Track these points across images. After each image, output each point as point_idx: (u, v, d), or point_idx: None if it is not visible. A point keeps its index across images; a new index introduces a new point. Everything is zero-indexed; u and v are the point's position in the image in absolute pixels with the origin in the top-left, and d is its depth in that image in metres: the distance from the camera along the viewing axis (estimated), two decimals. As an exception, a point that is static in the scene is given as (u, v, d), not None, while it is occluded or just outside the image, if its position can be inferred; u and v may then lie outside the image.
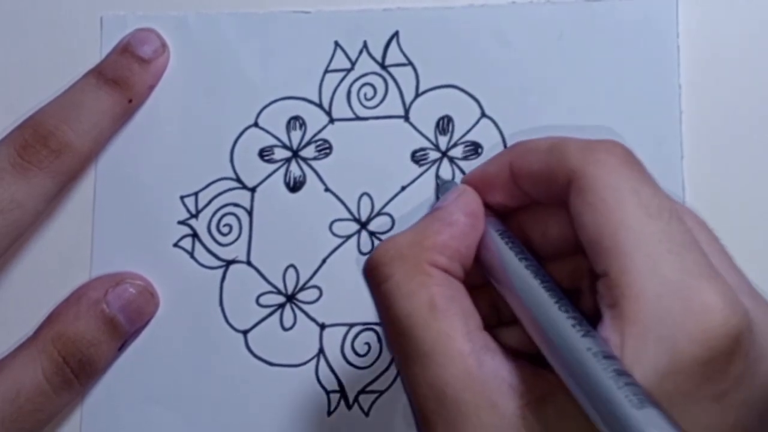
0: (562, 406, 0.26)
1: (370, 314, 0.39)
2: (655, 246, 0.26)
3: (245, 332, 0.39)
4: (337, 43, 0.41)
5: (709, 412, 0.25)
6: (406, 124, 0.40)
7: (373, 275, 0.30)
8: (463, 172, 0.39)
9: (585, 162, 0.28)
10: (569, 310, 0.27)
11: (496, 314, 0.32)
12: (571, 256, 0.29)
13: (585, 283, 0.30)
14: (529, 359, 0.28)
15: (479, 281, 0.32)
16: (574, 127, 0.39)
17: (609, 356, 0.25)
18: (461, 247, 0.31)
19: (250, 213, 0.40)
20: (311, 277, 0.39)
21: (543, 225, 0.32)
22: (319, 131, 0.40)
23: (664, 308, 0.25)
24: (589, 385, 0.25)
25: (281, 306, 0.39)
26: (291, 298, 0.39)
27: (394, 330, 0.29)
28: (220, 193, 0.40)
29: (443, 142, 0.40)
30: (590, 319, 0.27)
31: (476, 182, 0.33)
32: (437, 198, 0.39)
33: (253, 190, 0.40)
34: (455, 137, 0.40)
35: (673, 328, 0.25)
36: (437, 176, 0.39)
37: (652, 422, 0.23)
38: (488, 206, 0.33)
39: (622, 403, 0.24)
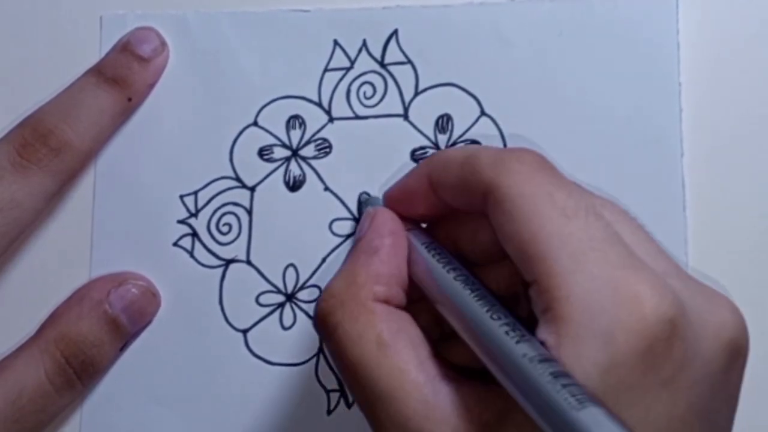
0: (520, 421, 0.26)
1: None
2: (577, 245, 0.27)
3: (245, 331, 0.39)
4: (336, 42, 0.41)
5: (660, 400, 0.25)
6: (406, 123, 0.40)
7: (322, 328, 0.30)
8: (462, 170, 0.39)
9: (497, 173, 0.29)
10: (502, 316, 0.27)
11: (439, 327, 0.32)
12: (504, 261, 0.29)
13: (520, 288, 0.30)
14: (483, 375, 0.28)
15: (417, 295, 0.32)
16: (575, 126, 0.39)
17: (545, 359, 0.25)
18: (393, 270, 0.31)
19: (249, 212, 0.40)
20: (311, 276, 0.39)
21: (471, 233, 0.32)
22: (319, 130, 0.40)
23: (595, 304, 0.26)
24: (528, 391, 0.25)
25: (281, 305, 0.39)
26: (291, 297, 0.39)
27: (350, 376, 0.29)
28: (219, 192, 0.40)
29: (443, 140, 0.40)
30: (529, 324, 0.27)
31: (397, 196, 0.34)
32: (359, 213, 0.39)
33: (252, 189, 0.40)
34: (455, 136, 0.40)
35: (607, 323, 0.25)
36: (361, 193, 0.39)
37: (594, 421, 0.23)
38: (413, 218, 0.33)
39: (561, 406, 0.24)
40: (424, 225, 0.33)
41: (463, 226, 0.32)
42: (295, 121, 0.40)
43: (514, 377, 0.26)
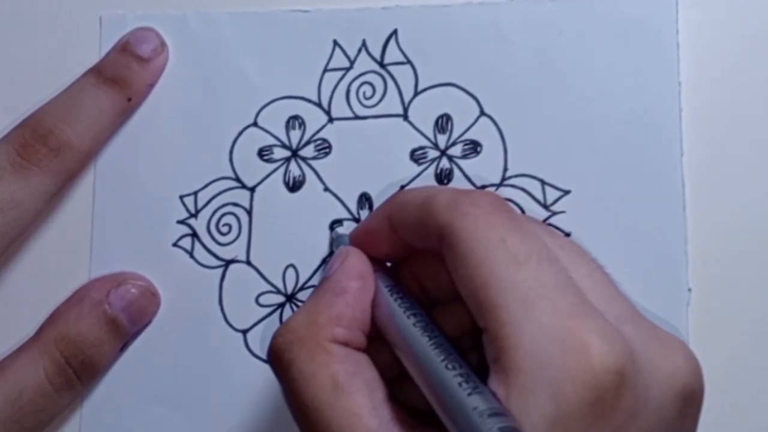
0: None
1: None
2: (527, 293, 0.26)
3: (245, 332, 0.39)
4: (335, 42, 0.41)
5: None
6: (405, 123, 0.40)
7: (276, 364, 0.30)
8: (462, 170, 0.39)
9: (452, 216, 0.28)
10: (456, 366, 0.27)
11: (399, 367, 0.31)
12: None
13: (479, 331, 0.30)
14: (436, 418, 0.28)
15: (379, 334, 0.31)
16: (575, 126, 0.39)
17: (496, 413, 0.25)
18: (356, 313, 0.31)
19: (249, 212, 0.40)
20: (311, 277, 0.39)
21: (433, 272, 0.31)
22: (319, 130, 0.40)
23: (544, 355, 0.25)
24: None
25: (281, 305, 0.39)
26: (291, 298, 0.39)
27: (302, 415, 0.29)
28: (219, 193, 0.40)
29: (442, 140, 0.40)
30: (487, 367, 0.27)
31: (362, 237, 0.33)
32: (331, 251, 0.39)
33: (252, 189, 0.40)
34: (454, 136, 0.40)
35: (555, 374, 0.25)
36: (333, 230, 0.39)
37: None
38: (378, 259, 0.33)
39: None
40: (389, 264, 0.33)
41: (426, 265, 0.32)
42: (294, 121, 0.40)
43: (464, 430, 0.26)
